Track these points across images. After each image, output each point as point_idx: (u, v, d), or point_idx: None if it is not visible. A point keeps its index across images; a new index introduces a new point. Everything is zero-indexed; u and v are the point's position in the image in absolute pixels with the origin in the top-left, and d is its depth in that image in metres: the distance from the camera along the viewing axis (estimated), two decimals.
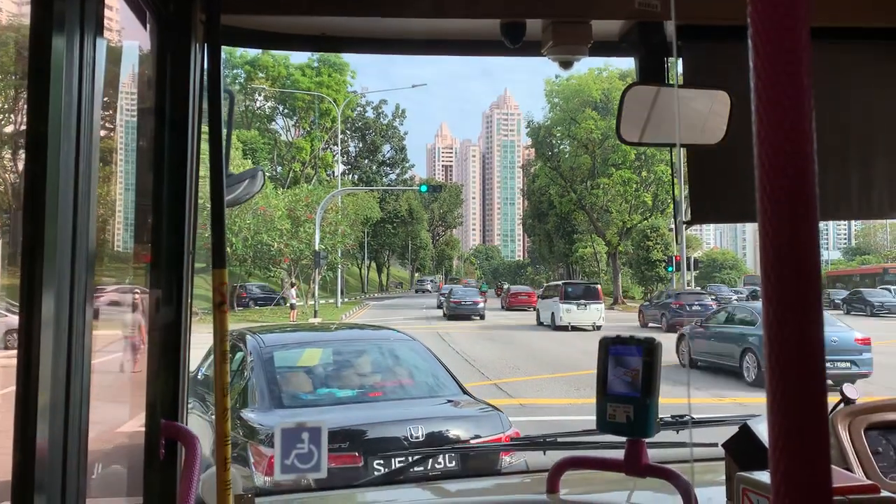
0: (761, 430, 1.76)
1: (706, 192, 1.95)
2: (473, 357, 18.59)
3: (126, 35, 1.70)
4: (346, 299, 49.75)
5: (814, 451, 0.44)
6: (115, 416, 1.91)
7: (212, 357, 6.40)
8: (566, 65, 1.84)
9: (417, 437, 4.72)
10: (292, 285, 36.22)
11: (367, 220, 54.33)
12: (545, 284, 36.54)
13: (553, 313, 29.79)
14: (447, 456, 4.44)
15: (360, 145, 75.38)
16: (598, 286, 31.01)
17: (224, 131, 1.72)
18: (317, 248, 34.27)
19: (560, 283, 32.17)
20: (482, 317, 35.01)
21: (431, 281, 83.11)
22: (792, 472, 0.44)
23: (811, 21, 0.47)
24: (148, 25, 1.63)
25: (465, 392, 5.89)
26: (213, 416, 5.52)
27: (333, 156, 61.67)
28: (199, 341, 2.20)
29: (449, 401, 5.68)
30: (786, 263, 0.45)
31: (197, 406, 5.94)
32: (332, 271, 42.50)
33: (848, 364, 13.98)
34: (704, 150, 1.87)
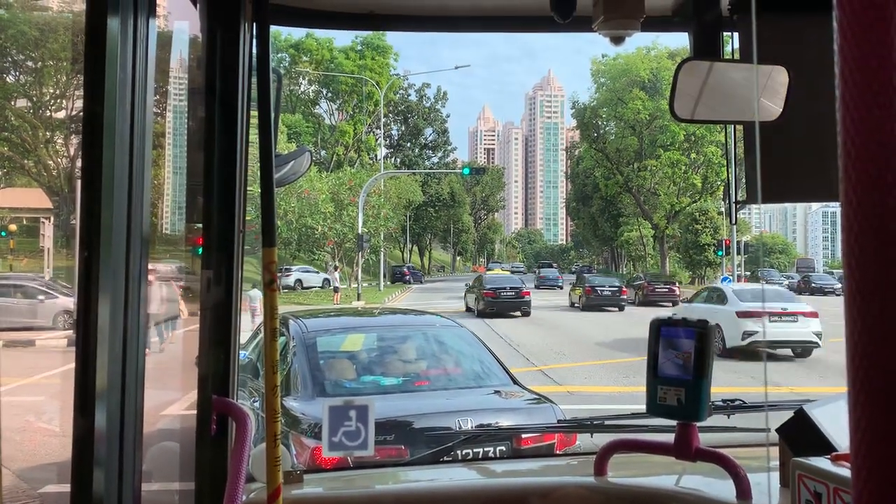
0: (817, 414, 1.71)
1: (762, 170, 1.89)
2: None
3: (177, 16, 1.71)
4: (388, 282, 50.13)
5: None
6: (168, 393, 1.95)
7: (255, 341, 6.49)
8: (617, 40, 1.80)
9: (466, 431, 4.47)
10: (335, 268, 36.63)
11: (409, 203, 54.49)
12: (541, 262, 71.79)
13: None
14: (497, 449, 4.37)
15: (403, 128, 75.47)
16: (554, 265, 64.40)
17: (272, 112, 1.72)
18: (360, 231, 34.54)
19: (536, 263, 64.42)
20: None
21: (517, 268, 72.81)
22: (876, 460, 0.42)
23: None
24: (198, 5, 1.64)
25: (514, 381, 5.71)
26: (255, 402, 5.50)
27: (376, 139, 61.89)
28: None
29: (497, 391, 5.51)
30: (870, 244, 0.44)
31: (238, 393, 5.88)
32: (374, 254, 42.84)
33: None
34: (761, 128, 1.81)
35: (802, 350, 15.67)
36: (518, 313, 27.02)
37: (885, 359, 0.43)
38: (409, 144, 75.79)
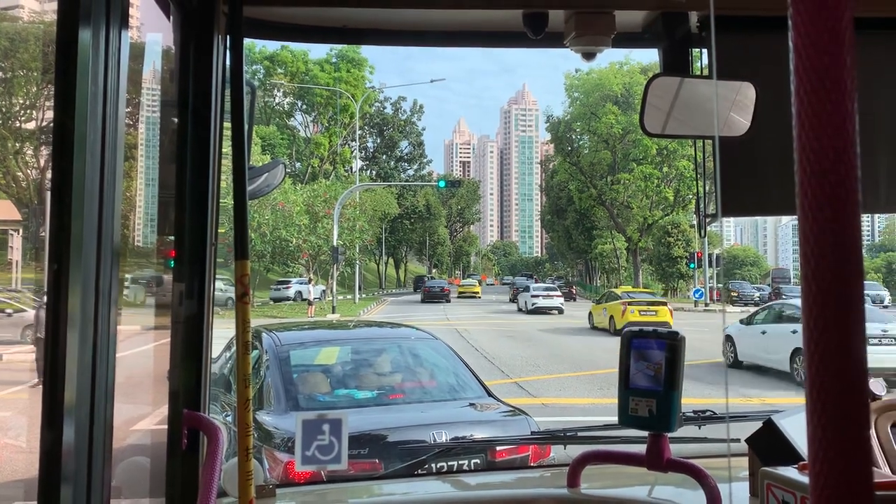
0: (785, 425, 1.74)
1: (731, 185, 1.92)
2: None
3: (150, 28, 1.71)
4: (363, 295, 49.94)
5: (855, 448, 0.44)
6: (139, 407, 1.93)
7: (227, 354, 6.41)
8: (589, 56, 1.83)
9: (441, 443, 4.43)
10: (309, 281, 36.43)
11: (384, 215, 54.41)
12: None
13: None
14: (472, 462, 4.37)
15: (378, 141, 75.52)
16: (534, 276, 78.41)
17: (245, 124, 1.72)
18: (335, 243, 34.42)
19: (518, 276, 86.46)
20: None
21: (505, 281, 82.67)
22: (832, 467, 0.44)
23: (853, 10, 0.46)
24: (171, 17, 1.63)
25: (489, 393, 5.70)
26: (228, 417, 5.40)
27: (351, 151, 61.78)
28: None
29: (471, 403, 5.50)
30: (826, 256, 0.45)
31: (211, 407, 5.76)
32: (349, 267, 42.71)
33: None
34: (729, 143, 1.85)
35: (558, 312, 36.47)
36: (444, 301, 46.86)
37: (841, 371, 0.44)
38: (384, 157, 75.84)
